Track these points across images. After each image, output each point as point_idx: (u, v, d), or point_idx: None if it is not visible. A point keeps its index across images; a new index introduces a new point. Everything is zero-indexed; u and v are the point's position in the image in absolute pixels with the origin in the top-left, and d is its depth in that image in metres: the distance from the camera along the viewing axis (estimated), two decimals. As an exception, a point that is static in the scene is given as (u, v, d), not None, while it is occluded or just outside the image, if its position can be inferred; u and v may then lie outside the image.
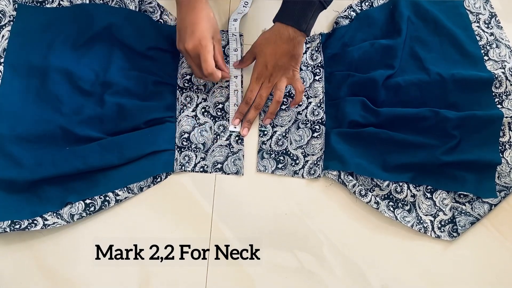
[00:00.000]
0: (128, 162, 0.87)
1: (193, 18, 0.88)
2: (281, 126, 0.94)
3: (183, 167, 0.90)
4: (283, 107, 0.96)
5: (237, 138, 0.93)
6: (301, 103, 0.96)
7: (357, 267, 0.84)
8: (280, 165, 0.91)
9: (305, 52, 1.02)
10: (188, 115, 0.94)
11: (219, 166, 0.91)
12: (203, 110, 0.95)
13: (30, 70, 0.94)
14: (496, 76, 0.96)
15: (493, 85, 0.96)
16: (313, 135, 0.93)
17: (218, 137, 0.93)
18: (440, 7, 1.08)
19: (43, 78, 0.93)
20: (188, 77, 0.97)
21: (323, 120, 0.95)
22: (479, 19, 1.08)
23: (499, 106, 0.95)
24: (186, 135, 0.92)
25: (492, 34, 1.06)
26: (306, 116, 0.95)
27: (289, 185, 0.90)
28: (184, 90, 0.97)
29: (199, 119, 0.94)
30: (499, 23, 1.08)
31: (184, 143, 0.91)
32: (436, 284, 0.84)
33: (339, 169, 0.88)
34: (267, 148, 0.92)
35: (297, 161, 0.91)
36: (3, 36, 0.97)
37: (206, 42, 0.87)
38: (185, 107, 0.95)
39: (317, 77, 0.99)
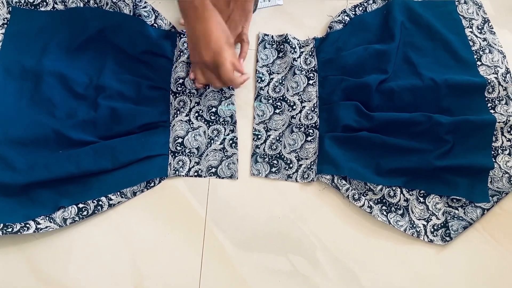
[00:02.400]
0: (121, 167, 0.87)
1: (204, 29, 0.85)
2: (275, 130, 0.94)
3: (177, 172, 0.90)
4: (277, 111, 0.96)
5: (231, 142, 0.93)
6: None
7: (351, 271, 0.84)
8: (273, 169, 0.91)
9: (299, 57, 1.02)
10: (181, 120, 0.94)
11: (213, 170, 0.91)
12: (196, 114, 0.95)
13: (24, 73, 0.94)
14: (489, 81, 0.97)
15: (486, 90, 0.97)
16: (306, 139, 0.93)
17: (212, 141, 0.93)
18: (434, 13, 1.09)
19: (37, 81, 0.93)
20: (181, 81, 0.97)
21: (316, 124, 0.95)
22: (472, 24, 1.08)
23: (491, 111, 0.95)
24: (180, 140, 0.92)
25: (485, 39, 1.06)
26: (300, 120, 0.95)
27: (283, 189, 0.90)
28: (177, 95, 0.97)
29: (192, 123, 0.94)
30: (492, 28, 1.08)
31: (178, 148, 0.91)
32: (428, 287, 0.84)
33: (333, 173, 0.88)
34: (260, 152, 0.92)
35: (291, 165, 0.91)
36: None
37: (223, 52, 0.86)
38: (178, 112, 0.95)
39: (311, 81, 0.99)
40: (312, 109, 0.96)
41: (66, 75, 0.94)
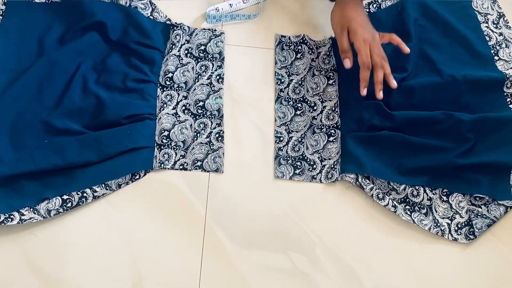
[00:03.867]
0: (106, 159, 0.88)
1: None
2: (297, 132, 0.95)
3: (162, 165, 0.90)
4: (298, 112, 0.96)
5: (217, 135, 0.93)
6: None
7: (350, 268, 0.84)
8: (297, 171, 0.91)
9: (317, 57, 1.02)
10: (168, 113, 0.94)
11: (198, 163, 0.91)
12: (183, 108, 0.96)
13: (18, 65, 0.95)
14: (508, 76, 0.97)
15: (504, 85, 0.97)
16: (328, 139, 0.94)
17: (198, 134, 0.94)
18: (449, 9, 1.09)
19: (29, 72, 0.93)
20: (170, 75, 0.98)
21: (338, 124, 0.95)
22: (488, 19, 1.09)
23: (511, 106, 0.96)
24: (166, 133, 0.92)
25: (501, 34, 1.06)
26: (321, 120, 0.95)
27: (282, 187, 0.91)
28: (165, 89, 0.97)
29: (179, 116, 0.95)
30: (508, 22, 1.08)
31: (164, 141, 0.92)
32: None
33: (356, 172, 0.89)
34: (283, 154, 0.93)
35: (314, 166, 0.92)
36: None
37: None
38: (165, 105, 0.95)
39: (330, 81, 0.99)
40: (333, 109, 0.96)
41: (55, 63, 0.94)
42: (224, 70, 1.00)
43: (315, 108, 0.97)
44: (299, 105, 0.97)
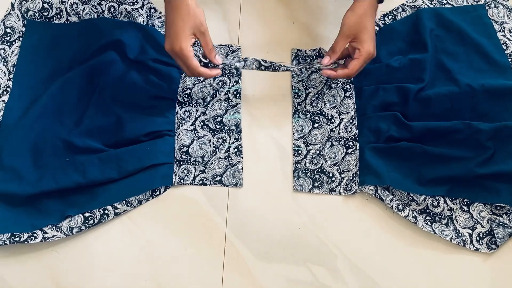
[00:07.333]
0: (127, 176, 0.89)
1: (171, 17, 0.80)
2: (315, 145, 0.95)
3: (182, 180, 0.91)
4: (316, 125, 0.97)
5: (236, 150, 0.94)
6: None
7: (371, 280, 0.85)
8: (316, 184, 0.92)
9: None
10: (187, 129, 0.95)
11: (218, 178, 0.92)
12: (202, 123, 0.97)
13: (38, 85, 0.96)
14: (526, 84, 0.97)
15: (522, 94, 0.97)
16: (347, 151, 0.94)
17: (217, 150, 0.94)
18: (464, 18, 1.09)
19: (49, 91, 0.94)
20: (188, 91, 0.99)
21: (356, 136, 0.95)
22: (504, 28, 1.08)
23: (530, 114, 0.95)
24: (185, 149, 0.93)
25: (518, 42, 1.06)
26: (339, 133, 0.96)
27: (301, 199, 0.91)
28: (183, 105, 0.98)
29: (198, 132, 0.96)
30: (524, 31, 1.08)
31: (183, 157, 0.93)
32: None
33: (375, 183, 0.89)
34: (302, 167, 0.93)
35: (333, 178, 0.92)
36: (12, 51, 0.99)
37: (181, 45, 0.80)
38: (183, 121, 0.96)
39: (347, 93, 0.99)
40: (351, 121, 0.96)
41: (74, 83, 0.96)
42: (242, 85, 1.01)
43: (332, 120, 0.97)
44: (317, 118, 0.98)
